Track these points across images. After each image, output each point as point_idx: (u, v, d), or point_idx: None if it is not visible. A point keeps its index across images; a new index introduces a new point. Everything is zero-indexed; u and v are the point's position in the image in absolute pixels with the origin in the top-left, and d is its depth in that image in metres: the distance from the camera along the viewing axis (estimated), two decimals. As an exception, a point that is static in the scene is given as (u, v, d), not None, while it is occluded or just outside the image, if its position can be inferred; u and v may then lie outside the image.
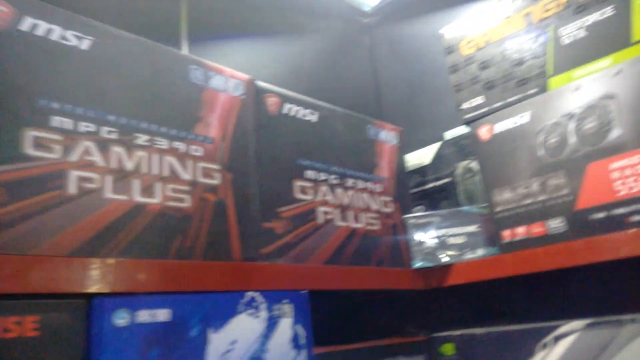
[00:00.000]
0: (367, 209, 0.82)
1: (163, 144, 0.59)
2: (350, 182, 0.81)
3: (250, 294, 0.61)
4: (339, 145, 0.81)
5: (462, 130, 0.99)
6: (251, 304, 0.61)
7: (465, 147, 0.97)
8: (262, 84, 0.74)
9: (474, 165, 0.93)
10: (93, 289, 0.48)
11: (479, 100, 0.89)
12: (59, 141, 0.50)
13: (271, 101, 0.74)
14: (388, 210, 0.85)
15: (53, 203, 0.48)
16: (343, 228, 0.76)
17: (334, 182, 0.78)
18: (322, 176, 0.77)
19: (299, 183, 0.73)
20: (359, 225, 0.79)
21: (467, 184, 0.93)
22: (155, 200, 0.56)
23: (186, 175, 0.60)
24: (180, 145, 0.60)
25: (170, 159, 0.59)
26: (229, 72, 0.69)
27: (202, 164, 0.62)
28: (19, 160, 0.47)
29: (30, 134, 0.48)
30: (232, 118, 0.67)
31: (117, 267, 0.50)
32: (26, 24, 0.51)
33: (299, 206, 0.72)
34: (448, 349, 0.77)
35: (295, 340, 0.63)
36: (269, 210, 0.68)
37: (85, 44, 0.55)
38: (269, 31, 1.14)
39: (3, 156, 0.46)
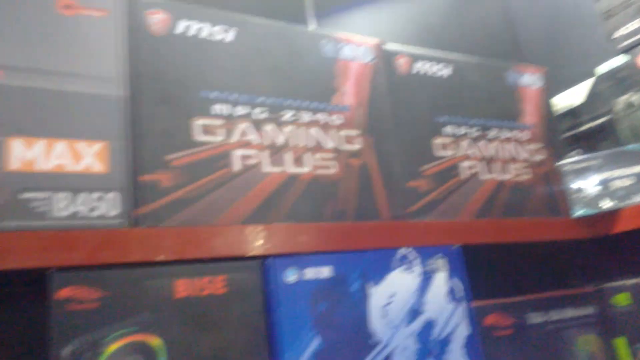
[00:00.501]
0: (515, 159, 0.78)
1: (306, 117, 0.63)
2: (493, 133, 0.78)
3: (402, 250, 0.63)
4: (477, 96, 0.78)
5: (617, 61, 0.88)
6: (405, 260, 0.63)
7: (623, 79, 0.87)
8: (390, 46, 0.74)
9: (637, 98, 0.83)
10: (265, 250, 0.54)
11: (635, 24, 0.78)
12: (220, 126, 0.57)
13: (401, 62, 0.74)
14: (538, 158, 0.80)
15: (223, 180, 0.55)
16: (489, 181, 0.74)
17: (476, 135, 0.76)
18: (462, 130, 0.75)
19: (438, 140, 0.73)
20: (506, 177, 0.76)
21: (631, 119, 0.83)
22: (305, 169, 0.61)
23: (330, 144, 0.63)
24: (322, 117, 0.64)
25: (315, 130, 0.63)
26: (357, 40, 0.71)
27: (343, 132, 0.65)
28: (192, 146, 0.55)
29: (198, 122, 0.56)
30: (366, 84, 0.69)
31: (283, 230, 0.56)
32: (180, 26, 0.58)
33: (441, 163, 0.72)
34: (622, 299, 0.71)
35: (452, 293, 0.64)
36: (412, 170, 0.69)
37: (230, 36, 0.61)
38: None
39: (178, 144, 0.54)
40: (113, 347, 0.44)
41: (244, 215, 0.55)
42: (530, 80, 0.85)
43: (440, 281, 0.64)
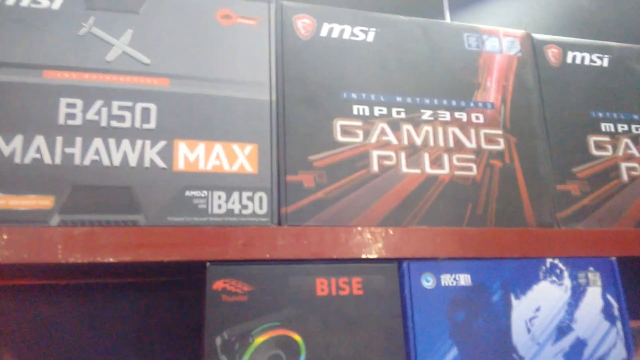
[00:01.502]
0: (688, 161, 0.67)
1: (445, 116, 0.61)
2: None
3: (550, 260, 0.58)
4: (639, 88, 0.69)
5: None
6: (553, 271, 0.58)
7: None
8: (539, 36, 0.68)
9: None
10: (401, 254, 0.54)
11: None
12: (360, 127, 0.57)
13: (552, 52, 0.68)
14: None
15: (362, 181, 0.56)
16: (656, 185, 0.65)
17: (639, 132, 0.67)
18: (622, 127, 0.67)
19: (594, 138, 0.65)
20: (678, 181, 0.66)
21: None
22: (444, 171, 0.59)
23: (470, 144, 0.60)
24: (462, 115, 0.61)
25: (454, 130, 0.60)
26: (502, 32, 0.66)
27: (484, 131, 0.61)
28: (333, 147, 0.56)
29: (339, 123, 0.57)
30: (511, 78, 0.64)
31: (420, 234, 0.55)
32: (324, 29, 0.59)
33: (597, 164, 0.65)
34: None
35: (606, 311, 0.58)
36: (563, 171, 0.63)
37: (370, 36, 0.61)
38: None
39: (320, 145, 0.55)
40: (260, 339, 0.48)
41: (382, 217, 0.55)
42: None
43: (593, 296, 0.58)
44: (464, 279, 0.55)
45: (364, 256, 0.53)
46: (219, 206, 0.51)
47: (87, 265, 0.47)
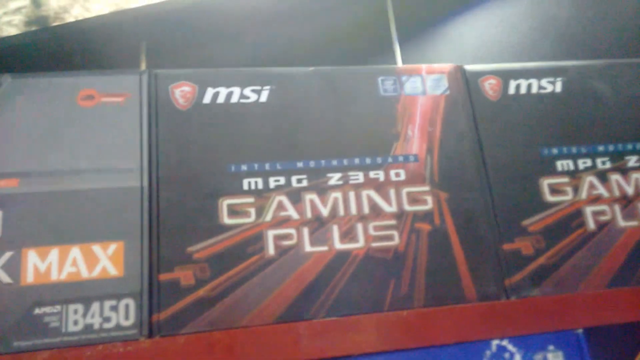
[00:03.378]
0: (672, 194, 0.56)
1: (358, 177, 0.52)
2: (632, 161, 0.57)
3: (496, 342, 0.48)
4: (607, 112, 0.58)
5: None
6: (500, 356, 0.47)
7: None
8: (472, 67, 0.59)
9: None
10: (304, 355, 0.45)
11: None
12: (252, 204, 0.49)
13: (489, 84, 0.58)
14: None
15: (255, 269, 0.47)
16: (632, 229, 0.54)
17: (606, 167, 0.56)
18: (584, 163, 0.56)
19: (548, 181, 0.55)
20: (660, 222, 0.54)
21: None
22: (358, 244, 0.49)
23: (390, 208, 0.51)
24: (378, 174, 0.52)
25: (369, 193, 0.51)
26: (425, 69, 0.57)
27: (407, 189, 0.52)
28: (218, 233, 0.48)
29: (225, 203, 0.49)
30: (438, 122, 0.55)
31: (327, 327, 0.46)
32: (208, 95, 0.52)
33: (554, 212, 0.54)
34: None
35: (576, 400, 0.47)
36: (510, 227, 0.53)
37: (264, 96, 0.53)
38: (491, 2, 0.94)
39: (204, 232, 0.48)
40: None
41: (281, 310, 0.47)
42: (691, 77, 0.61)
43: (557, 383, 0.47)
44: (387, 379, 0.46)
45: (258, 363, 0.44)
46: (75, 322, 0.43)
47: None
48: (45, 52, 0.74)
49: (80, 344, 0.43)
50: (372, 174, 0.52)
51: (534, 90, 0.59)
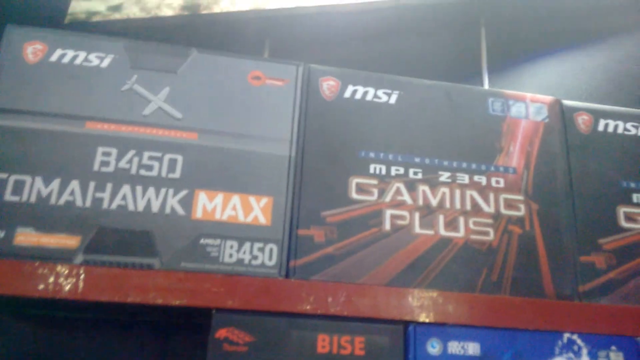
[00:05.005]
0: None
1: (464, 179, 0.61)
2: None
3: (568, 335, 0.56)
4: (681, 159, 0.66)
5: None
6: (570, 348, 0.55)
7: None
8: (569, 102, 0.68)
9: None
10: (408, 316, 0.54)
11: None
12: (375, 185, 0.59)
13: (582, 120, 0.67)
14: None
15: (373, 239, 0.57)
16: (694, 264, 0.61)
17: (677, 206, 0.64)
18: (658, 200, 0.64)
19: (624, 209, 0.63)
20: None
21: None
22: (459, 233, 0.58)
23: (488, 208, 0.60)
24: (481, 179, 0.61)
25: (472, 193, 0.60)
26: (529, 97, 0.66)
27: (504, 195, 0.61)
28: (347, 204, 0.57)
29: (355, 181, 0.58)
30: (536, 144, 0.64)
31: (430, 297, 0.55)
32: (348, 91, 0.62)
33: (627, 236, 0.62)
34: None
35: (630, 396, 0.54)
36: (588, 242, 0.61)
37: (393, 99, 0.63)
38: (577, 43, 1.03)
39: (336, 201, 0.57)
40: (258, 389, 0.48)
41: (391, 277, 0.56)
42: None
43: (615, 379, 0.55)
44: (473, 348, 0.54)
45: (369, 316, 0.53)
46: (230, 255, 0.53)
47: (103, 303, 0.51)
48: (191, 34, 0.86)
49: (232, 272, 0.53)
50: (476, 178, 0.61)
51: (620, 130, 0.67)
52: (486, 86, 0.94)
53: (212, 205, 0.54)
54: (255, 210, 0.55)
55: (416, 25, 0.95)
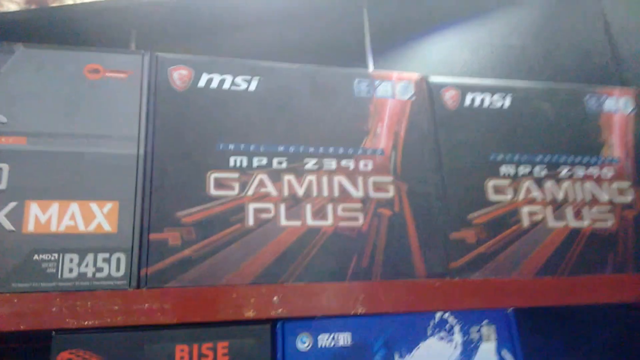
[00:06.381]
0: (594, 202, 0.66)
1: (331, 164, 0.59)
2: (564, 171, 0.66)
3: (440, 315, 0.56)
4: (545, 127, 0.68)
5: None
6: (442, 326, 0.55)
7: None
8: (436, 78, 0.67)
9: None
10: (275, 313, 0.51)
11: None
12: (236, 179, 0.55)
13: (449, 95, 0.67)
14: (626, 199, 0.67)
15: (235, 236, 0.53)
16: (558, 229, 0.63)
17: (542, 174, 0.65)
18: (524, 169, 0.65)
19: (492, 182, 0.64)
20: (582, 224, 0.64)
21: None
22: (327, 222, 0.56)
23: (357, 193, 0.58)
24: (349, 163, 0.59)
25: (340, 178, 0.58)
26: (396, 76, 0.65)
27: (373, 178, 0.60)
28: (205, 202, 0.53)
29: (213, 176, 0.55)
30: (404, 124, 0.63)
31: (297, 291, 0.52)
32: (203, 80, 0.58)
33: (495, 209, 0.62)
34: None
35: (502, 366, 0.55)
36: (457, 219, 0.61)
37: (252, 85, 0.59)
38: (461, 19, 1.04)
39: (193, 199, 0.53)
40: (105, 414, 0.44)
41: (257, 273, 0.53)
42: (617, 104, 0.71)
43: (487, 353, 0.55)
44: (344, 339, 0.52)
45: (232, 319, 0.50)
46: (70, 270, 0.48)
47: None
48: (41, 30, 0.78)
49: (73, 289, 0.47)
50: (343, 162, 0.59)
51: (487, 104, 0.68)
52: (370, 67, 0.93)
53: (46, 216, 0.49)
54: (99, 217, 0.50)
55: (295, 11, 0.92)
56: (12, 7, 0.73)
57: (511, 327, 0.57)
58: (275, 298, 0.51)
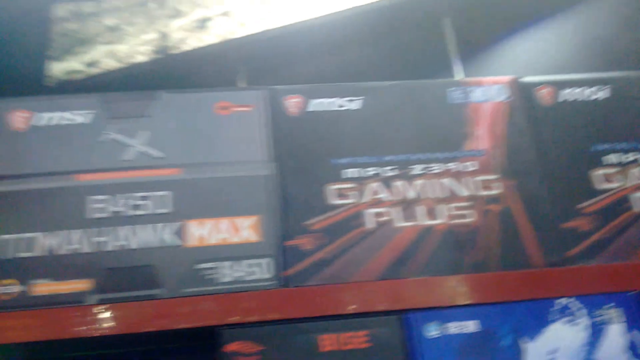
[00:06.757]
0: None
1: (437, 168, 0.64)
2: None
3: (562, 300, 0.58)
4: (647, 114, 0.68)
5: None
6: (566, 311, 0.57)
7: None
8: (528, 79, 0.71)
9: None
10: (404, 305, 0.56)
11: None
12: (352, 188, 0.62)
13: (543, 93, 0.70)
14: None
15: (358, 238, 0.60)
16: (676, 211, 0.63)
17: (649, 159, 0.66)
18: (628, 158, 0.66)
19: (599, 171, 0.65)
20: (701, 204, 0.63)
21: None
22: (440, 220, 0.61)
23: (465, 192, 0.63)
24: (454, 165, 0.64)
25: (447, 180, 0.63)
26: (487, 81, 0.69)
27: (479, 178, 0.64)
28: (328, 210, 0.60)
29: (331, 188, 0.62)
30: (501, 124, 0.67)
31: (421, 284, 0.57)
32: (312, 104, 0.66)
33: (605, 197, 0.64)
34: None
35: (633, 348, 0.56)
36: (568, 209, 0.63)
37: (357, 105, 0.67)
38: (542, 19, 1.06)
39: (317, 209, 0.60)
40: (269, 396, 0.51)
41: (381, 271, 0.58)
42: None
43: (616, 334, 0.56)
44: (471, 326, 0.56)
45: (366, 310, 0.56)
46: (228, 275, 0.56)
47: (117, 337, 0.54)
48: (167, 74, 0.92)
49: (231, 290, 0.56)
50: (448, 165, 0.64)
51: (582, 97, 0.70)
52: (459, 76, 0.97)
53: (203, 232, 0.58)
54: (245, 230, 0.58)
55: (379, 29, 0.99)
56: (142, 58, 0.87)
57: (638, 309, 0.57)
58: (401, 291, 0.56)
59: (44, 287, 0.55)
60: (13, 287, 0.55)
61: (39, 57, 0.84)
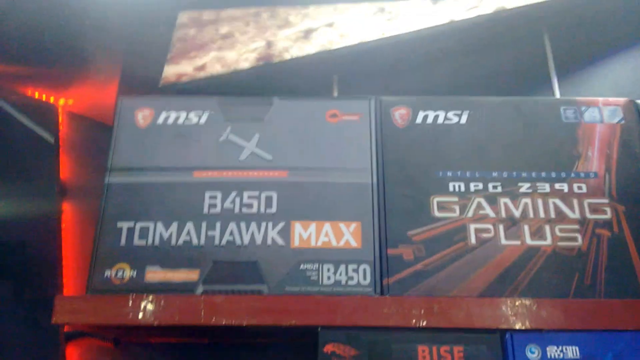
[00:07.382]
0: None
1: (545, 188, 0.62)
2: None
3: (675, 335, 0.55)
4: None
5: None
6: (679, 348, 0.54)
7: None
8: (644, 101, 0.67)
9: None
10: (504, 325, 0.55)
11: None
12: (456, 202, 0.62)
13: (662, 116, 0.66)
14: None
15: (460, 253, 0.59)
16: None
17: None
18: None
19: None
20: None
21: None
22: (546, 241, 0.60)
23: (573, 214, 0.61)
24: (563, 186, 0.62)
25: (555, 201, 0.62)
26: (602, 101, 0.67)
27: (588, 200, 0.62)
28: (431, 222, 0.61)
29: (435, 200, 0.62)
30: (615, 147, 0.64)
31: (524, 305, 0.56)
32: (420, 117, 0.67)
33: None
34: None
35: None
36: (684, 240, 0.60)
37: (463, 119, 0.66)
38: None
39: (420, 220, 0.61)
40: (367, 400, 0.52)
41: (482, 288, 0.58)
42: None
43: None
44: (572, 351, 0.55)
45: (464, 326, 0.55)
46: (328, 277, 0.58)
47: (221, 327, 0.57)
48: (267, 82, 0.95)
49: (331, 293, 0.58)
50: (557, 186, 0.62)
51: None
52: (557, 94, 0.94)
53: (307, 233, 0.60)
54: (346, 235, 0.60)
55: (477, 42, 0.98)
56: (246, 65, 0.91)
57: None
58: (502, 310, 0.56)
59: (155, 274, 0.59)
60: (126, 272, 0.59)
61: (160, 60, 0.90)
